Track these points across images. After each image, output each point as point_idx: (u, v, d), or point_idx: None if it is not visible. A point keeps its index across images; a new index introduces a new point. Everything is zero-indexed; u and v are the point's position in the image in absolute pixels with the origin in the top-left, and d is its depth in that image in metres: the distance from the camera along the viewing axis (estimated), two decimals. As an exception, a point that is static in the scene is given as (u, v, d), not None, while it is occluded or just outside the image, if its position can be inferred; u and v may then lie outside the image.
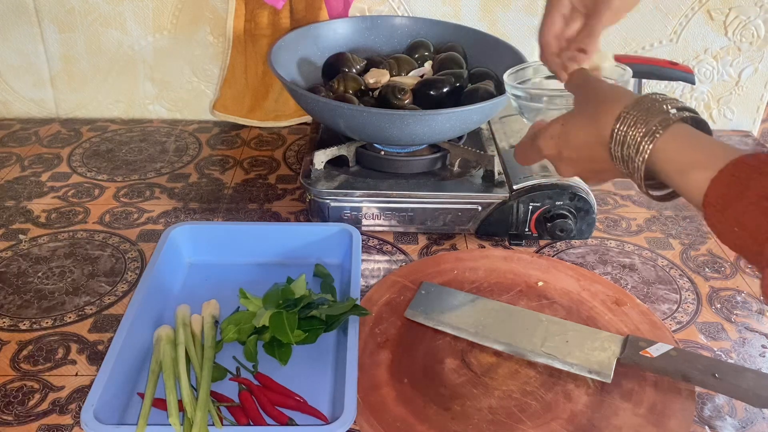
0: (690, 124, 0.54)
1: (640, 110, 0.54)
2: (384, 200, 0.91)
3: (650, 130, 0.53)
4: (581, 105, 0.62)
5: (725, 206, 0.48)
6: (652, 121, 0.53)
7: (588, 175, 0.63)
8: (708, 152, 0.51)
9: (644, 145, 0.53)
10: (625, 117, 0.55)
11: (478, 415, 0.66)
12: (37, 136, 1.20)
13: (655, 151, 0.53)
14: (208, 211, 1.00)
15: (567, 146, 0.61)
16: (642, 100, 0.55)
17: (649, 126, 0.53)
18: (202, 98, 1.25)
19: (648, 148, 0.53)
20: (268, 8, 1.13)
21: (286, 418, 0.66)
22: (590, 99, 0.60)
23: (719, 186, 0.48)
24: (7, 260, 0.89)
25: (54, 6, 1.16)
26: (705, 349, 0.77)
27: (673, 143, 0.52)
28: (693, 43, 1.19)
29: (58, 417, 0.67)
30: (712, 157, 0.50)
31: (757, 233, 0.46)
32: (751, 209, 0.46)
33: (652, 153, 0.53)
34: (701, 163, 0.50)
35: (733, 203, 0.47)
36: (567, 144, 0.61)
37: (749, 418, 0.69)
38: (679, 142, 0.52)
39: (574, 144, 0.60)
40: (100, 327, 0.78)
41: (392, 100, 0.93)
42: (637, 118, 0.54)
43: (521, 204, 0.90)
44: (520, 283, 0.85)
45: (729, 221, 0.48)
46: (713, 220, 0.49)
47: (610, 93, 0.59)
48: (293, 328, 0.72)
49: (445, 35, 1.10)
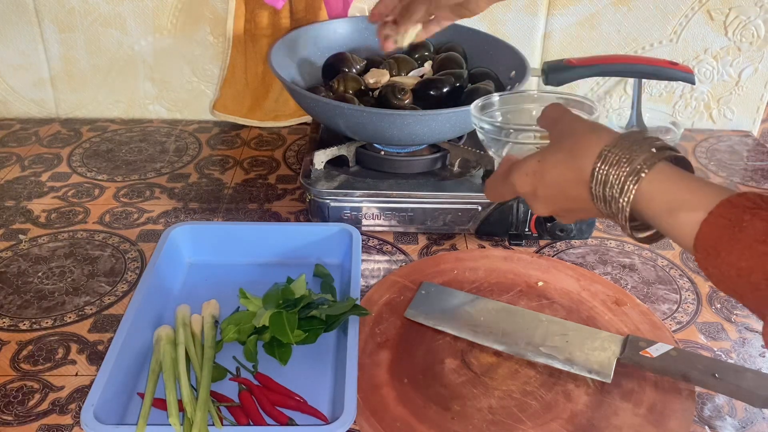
0: (672, 162, 0.52)
1: (622, 148, 0.52)
2: (384, 200, 0.91)
3: (635, 170, 0.51)
4: (558, 141, 0.58)
5: (718, 251, 0.46)
6: (636, 161, 0.51)
7: (564, 213, 0.60)
8: (696, 192, 0.49)
9: (629, 185, 0.51)
10: (606, 155, 0.52)
11: (478, 415, 0.66)
12: (37, 136, 1.20)
13: (640, 192, 0.51)
14: (208, 211, 1.00)
15: (543, 184, 0.58)
16: (624, 138, 0.53)
17: (633, 165, 0.51)
18: (202, 98, 1.25)
19: (633, 188, 0.51)
20: (268, 8, 1.13)
21: (286, 418, 0.66)
22: (567, 134, 0.57)
23: (710, 228, 0.47)
24: (7, 260, 0.89)
25: (54, 6, 1.16)
26: (705, 349, 0.77)
27: (658, 183, 0.50)
28: (693, 43, 1.19)
29: (58, 417, 0.67)
30: (700, 198, 0.48)
31: (754, 278, 0.44)
32: (746, 254, 0.44)
33: (637, 193, 0.51)
34: (690, 204, 0.48)
35: (726, 247, 0.45)
36: (543, 181, 0.57)
37: (749, 418, 0.69)
38: (664, 182, 0.50)
39: (550, 182, 0.57)
40: (100, 327, 0.78)
41: (392, 100, 0.93)
42: (620, 157, 0.52)
43: (521, 204, 0.90)
44: (520, 283, 0.85)
45: (723, 266, 0.46)
46: (706, 265, 0.47)
47: (589, 129, 0.56)
48: (293, 328, 0.72)
49: (445, 35, 1.10)
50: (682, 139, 1.24)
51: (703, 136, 1.25)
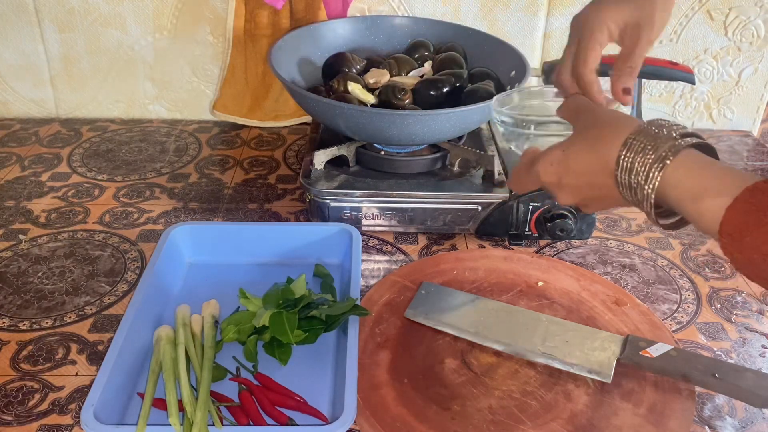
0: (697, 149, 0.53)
1: (647, 136, 0.53)
2: (384, 200, 0.91)
3: (660, 157, 0.51)
4: (582, 130, 0.59)
5: (743, 235, 0.46)
6: (662, 148, 0.52)
7: (589, 203, 0.60)
8: (721, 179, 0.49)
9: (654, 172, 0.52)
10: (632, 143, 0.53)
11: (478, 415, 0.66)
12: (37, 136, 1.20)
13: (665, 179, 0.51)
14: (208, 211, 1.00)
15: (568, 173, 0.58)
16: (648, 126, 0.54)
17: (658, 152, 0.52)
18: (202, 98, 1.25)
19: (658, 175, 0.51)
20: (268, 8, 1.13)
21: (286, 418, 0.66)
22: (591, 125, 0.58)
23: (736, 214, 0.46)
24: (7, 260, 0.89)
25: (54, 6, 1.16)
26: (705, 349, 0.77)
27: (683, 170, 0.51)
28: (693, 43, 1.19)
29: (58, 417, 0.67)
30: (725, 184, 0.48)
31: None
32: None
33: (662, 180, 0.51)
34: (715, 190, 0.48)
35: (752, 231, 0.45)
36: (568, 171, 0.58)
37: (749, 418, 0.69)
38: (689, 168, 0.51)
39: (575, 170, 0.58)
40: (100, 327, 0.78)
41: (392, 100, 0.93)
42: (645, 144, 0.52)
43: (521, 204, 0.90)
44: (520, 283, 0.85)
45: (748, 250, 0.46)
46: (730, 249, 0.47)
47: (613, 118, 0.57)
48: (293, 328, 0.72)
49: (445, 35, 1.10)
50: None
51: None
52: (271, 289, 0.78)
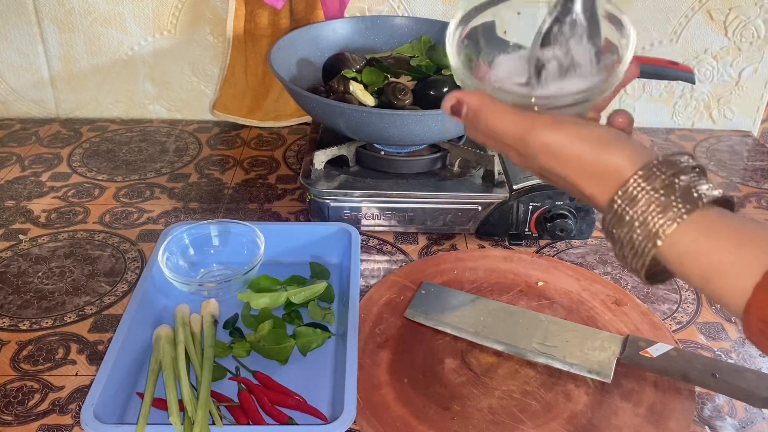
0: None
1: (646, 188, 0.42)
2: (384, 200, 0.91)
3: (659, 226, 0.42)
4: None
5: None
6: (668, 212, 0.42)
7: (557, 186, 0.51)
8: (744, 248, 0.40)
9: (648, 245, 0.42)
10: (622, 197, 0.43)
11: (478, 415, 0.66)
12: (37, 136, 1.20)
13: (664, 248, 0.42)
14: (208, 211, 1.00)
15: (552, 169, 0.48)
16: (648, 177, 0.42)
17: (651, 226, 0.42)
18: (202, 98, 1.25)
19: (653, 248, 0.42)
20: (268, 8, 1.13)
21: (286, 417, 0.66)
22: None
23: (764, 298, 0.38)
24: (7, 260, 0.89)
25: (54, 6, 1.16)
26: (705, 349, 0.77)
27: (688, 239, 0.41)
28: (693, 43, 1.19)
29: (58, 417, 0.67)
30: (747, 260, 0.39)
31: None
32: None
33: (661, 250, 0.42)
34: (733, 268, 0.40)
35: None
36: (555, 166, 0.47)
37: (749, 418, 0.69)
38: (698, 237, 0.41)
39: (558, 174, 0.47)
40: (100, 327, 0.78)
41: (392, 100, 0.93)
42: (647, 202, 0.42)
43: (521, 204, 0.90)
44: (520, 283, 0.85)
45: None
46: (759, 337, 0.39)
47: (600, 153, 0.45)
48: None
49: (445, 35, 1.10)
50: (683, 140, 1.24)
51: (703, 136, 1.25)
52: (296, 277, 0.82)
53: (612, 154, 0.44)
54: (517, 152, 0.49)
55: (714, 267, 0.40)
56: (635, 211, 0.43)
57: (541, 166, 0.48)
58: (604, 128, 0.47)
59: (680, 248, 0.42)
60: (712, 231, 0.41)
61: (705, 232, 0.41)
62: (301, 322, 0.77)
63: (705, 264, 0.41)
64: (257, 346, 0.73)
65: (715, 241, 0.41)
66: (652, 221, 0.42)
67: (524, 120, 0.47)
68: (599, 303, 0.81)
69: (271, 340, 0.72)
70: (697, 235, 0.41)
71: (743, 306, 0.39)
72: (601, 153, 0.45)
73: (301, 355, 0.73)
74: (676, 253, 0.42)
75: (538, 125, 0.46)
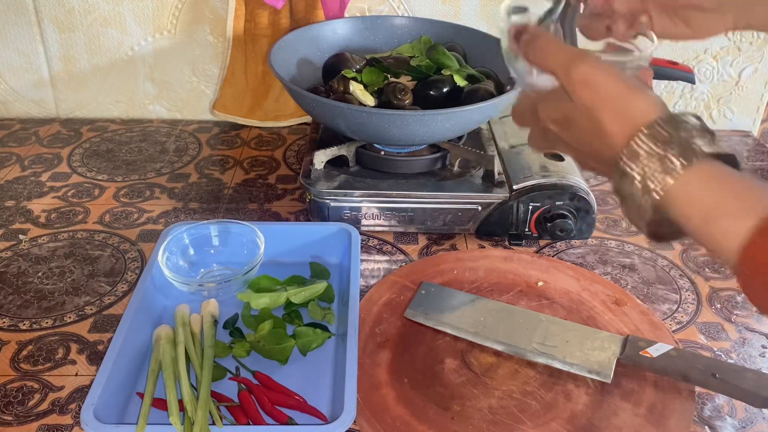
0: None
1: (656, 138, 0.45)
2: (384, 200, 0.91)
3: (666, 168, 0.44)
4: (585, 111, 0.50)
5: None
6: (671, 153, 0.44)
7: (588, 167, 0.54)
8: (743, 197, 0.42)
9: (655, 185, 0.44)
10: (638, 143, 0.46)
11: (478, 415, 0.66)
12: (37, 136, 1.20)
13: (669, 194, 0.44)
14: (208, 211, 1.00)
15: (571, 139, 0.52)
16: (660, 125, 0.46)
17: (664, 163, 0.44)
18: (202, 98, 1.25)
19: (659, 189, 0.44)
20: (268, 8, 1.13)
21: (286, 417, 0.66)
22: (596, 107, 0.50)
23: (762, 241, 0.39)
24: (7, 260, 0.89)
25: (54, 6, 1.16)
26: (705, 349, 0.77)
27: (696, 184, 0.43)
28: (693, 42, 1.19)
29: (58, 417, 0.67)
30: (749, 203, 0.41)
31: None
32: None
33: (666, 195, 0.44)
34: (734, 210, 0.42)
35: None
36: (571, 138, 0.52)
37: (749, 418, 0.69)
38: (703, 183, 0.43)
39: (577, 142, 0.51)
40: (100, 327, 0.78)
41: (392, 100, 0.93)
42: (653, 146, 0.45)
43: (521, 204, 0.90)
44: (520, 283, 0.85)
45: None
46: (750, 281, 0.41)
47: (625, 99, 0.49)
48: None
49: (445, 35, 1.10)
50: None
51: (703, 136, 1.24)
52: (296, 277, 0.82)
53: (641, 98, 0.48)
54: (553, 88, 0.52)
55: (715, 210, 0.43)
56: (636, 165, 0.46)
57: (576, 97, 0.50)
58: (639, 80, 0.51)
59: (682, 197, 0.44)
60: (713, 180, 0.43)
61: (707, 181, 0.44)
62: (301, 322, 0.77)
63: (708, 206, 0.43)
64: (257, 346, 0.73)
65: (717, 186, 0.43)
66: (651, 174, 0.45)
67: (573, 50, 0.53)
68: (599, 303, 0.81)
69: (271, 340, 0.72)
70: (699, 184, 0.44)
71: (738, 249, 0.41)
72: (633, 93, 0.48)
73: (301, 355, 0.73)
74: (679, 202, 0.44)
75: (585, 57, 0.51)
